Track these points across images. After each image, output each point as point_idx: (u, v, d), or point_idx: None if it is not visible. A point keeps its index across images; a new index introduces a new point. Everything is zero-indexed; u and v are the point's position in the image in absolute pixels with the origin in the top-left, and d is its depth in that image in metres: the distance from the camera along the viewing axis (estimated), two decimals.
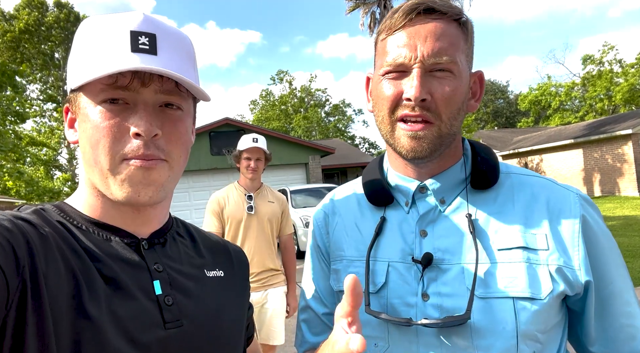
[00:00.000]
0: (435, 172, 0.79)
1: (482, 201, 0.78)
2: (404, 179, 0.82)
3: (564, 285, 0.71)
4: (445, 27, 0.72)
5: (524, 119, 41.10)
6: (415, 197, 0.81)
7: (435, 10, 0.72)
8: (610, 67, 32.35)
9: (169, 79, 0.61)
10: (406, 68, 0.72)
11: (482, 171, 0.78)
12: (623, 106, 31.45)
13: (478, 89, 0.81)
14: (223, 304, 0.72)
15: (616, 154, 17.14)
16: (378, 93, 0.77)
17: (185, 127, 0.66)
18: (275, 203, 2.92)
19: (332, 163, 21.06)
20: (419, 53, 0.70)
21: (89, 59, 0.60)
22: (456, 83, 0.72)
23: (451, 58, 0.70)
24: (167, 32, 0.63)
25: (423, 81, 0.70)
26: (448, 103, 0.71)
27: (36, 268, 0.52)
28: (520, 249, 0.72)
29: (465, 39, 0.74)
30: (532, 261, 0.71)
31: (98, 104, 0.60)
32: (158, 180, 0.62)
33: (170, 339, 0.61)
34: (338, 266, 0.86)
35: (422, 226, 0.79)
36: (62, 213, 0.64)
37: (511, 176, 0.80)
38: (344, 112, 45.31)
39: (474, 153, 0.82)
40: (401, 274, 0.77)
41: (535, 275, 0.70)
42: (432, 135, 0.72)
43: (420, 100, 0.70)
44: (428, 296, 0.74)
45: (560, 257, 0.71)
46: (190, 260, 0.72)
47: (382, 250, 0.81)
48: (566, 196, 0.76)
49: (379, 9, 15.34)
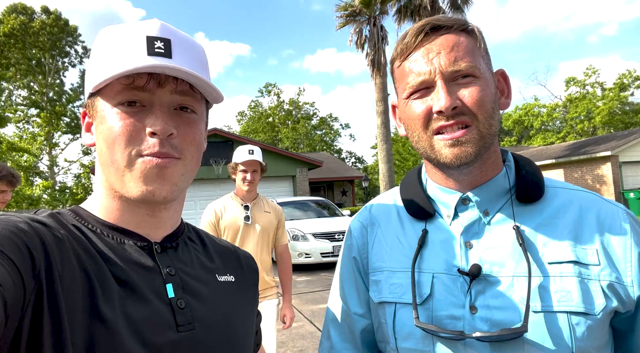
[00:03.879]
0: (477, 183, 0.78)
1: (527, 214, 0.76)
2: (445, 191, 0.81)
3: (616, 301, 0.69)
4: (455, 38, 0.73)
5: (507, 139, 41.99)
6: (458, 209, 0.79)
7: (441, 27, 0.74)
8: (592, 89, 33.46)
9: (184, 81, 0.63)
10: (429, 84, 0.73)
11: (527, 183, 0.77)
12: (602, 128, 32.45)
13: (505, 87, 0.81)
14: (234, 308, 0.72)
15: (596, 175, 17.62)
16: (408, 115, 0.77)
17: (199, 130, 0.67)
18: (272, 213, 2.95)
19: (319, 176, 21.10)
20: (437, 66, 0.72)
21: (106, 63, 0.61)
22: (482, 84, 0.72)
23: (469, 63, 0.72)
24: (182, 38, 0.65)
25: (449, 90, 0.71)
26: (481, 104, 0.72)
27: (52, 270, 0.52)
28: (572, 263, 0.70)
29: (477, 44, 0.75)
30: (584, 276, 0.70)
31: (115, 107, 0.61)
32: (172, 178, 0.63)
33: (182, 342, 0.61)
34: (379, 277, 0.84)
35: (467, 237, 0.77)
36: (77, 216, 0.65)
37: (557, 190, 0.79)
38: (331, 126, 45.66)
39: (517, 165, 0.81)
40: (447, 286, 0.76)
41: (587, 290, 0.69)
42: (474, 137, 0.72)
43: (452, 108, 0.70)
44: (476, 309, 0.72)
45: (612, 273, 0.70)
46: (201, 264, 0.73)
47: (425, 262, 0.79)
48: (615, 212, 0.75)
49: (368, 27, 15.64)
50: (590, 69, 33.81)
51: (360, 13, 15.65)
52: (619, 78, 32.34)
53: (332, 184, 24.65)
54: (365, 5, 15.31)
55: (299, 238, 9.06)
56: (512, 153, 0.85)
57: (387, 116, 15.67)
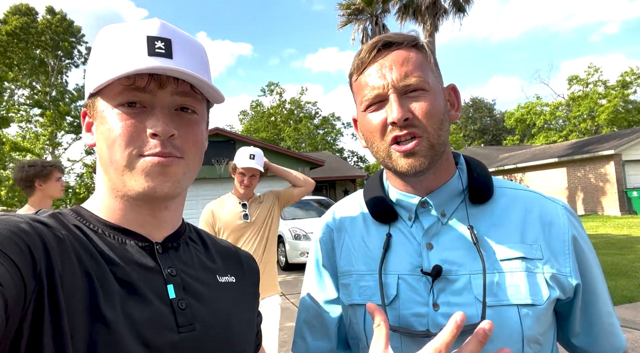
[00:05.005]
0: (432, 187, 0.84)
1: (480, 214, 0.83)
2: (405, 196, 0.87)
3: (558, 291, 0.77)
4: (406, 53, 0.79)
5: (510, 137, 41.88)
6: (418, 212, 0.85)
7: (393, 43, 0.80)
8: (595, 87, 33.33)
9: (185, 82, 0.63)
10: (382, 97, 0.78)
11: (478, 185, 0.84)
12: (606, 126, 32.32)
13: (455, 100, 0.87)
14: (235, 309, 0.72)
15: (599, 174, 17.55)
16: (366, 127, 0.82)
17: (201, 131, 0.67)
18: (265, 199, 2.99)
19: (321, 176, 21.10)
20: (389, 80, 0.77)
21: (106, 63, 0.61)
22: (431, 97, 0.78)
23: (419, 78, 0.77)
24: (182, 38, 0.65)
25: (401, 102, 0.76)
26: (430, 116, 0.77)
27: (53, 270, 0.52)
28: (520, 259, 0.78)
29: (427, 59, 0.81)
30: (530, 270, 0.77)
31: (115, 107, 0.61)
32: (175, 175, 0.63)
33: (183, 343, 0.61)
34: (348, 281, 0.89)
35: (428, 239, 0.83)
36: (78, 216, 0.65)
37: (504, 191, 0.86)
38: (333, 125, 45.62)
39: (469, 169, 0.87)
40: (411, 286, 0.81)
41: (534, 283, 0.76)
42: (425, 148, 0.77)
43: (404, 120, 0.76)
44: (438, 306, 0.78)
45: (553, 265, 0.78)
46: (202, 265, 0.73)
47: (391, 264, 0.84)
48: (555, 209, 0.83)
49: (370, 25, 15.62)
50: (591, 67, 33.68)
51: (362, 11, 15.63)
52: (621, 76, 32.21)
53: (334, 184, 24.65)
54: (367, 4, 15.30)
55: (301, 237, 9.05)
56: (464, 156, 0.91)
57: None
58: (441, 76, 0.85)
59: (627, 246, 9.37)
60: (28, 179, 2.65)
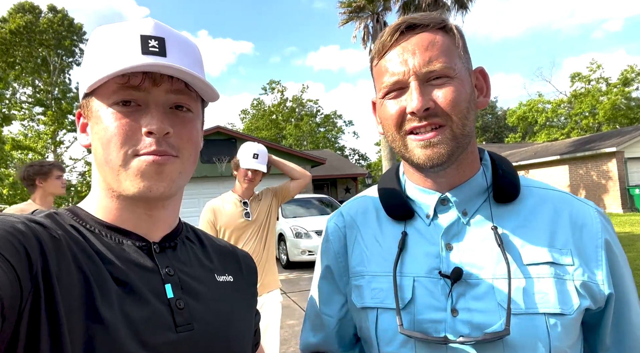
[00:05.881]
0: (455, 183, 0.78)
1: (505, 214, 0.77)
2: (423, 192, 0.81)
3: (589, 300, 0.71)
4: (431, 37, 0.72)
5: (512, 135, 41.77)
6: (437, 209, 0.79)
7: (417, 25, 0.73)
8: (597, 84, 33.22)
9: (179, 80, 0.62)
10: (403, 84, 0.73)
11: (504, 183, 0.78)
12: (607, 123, 32.21)
13: (483, 85, 0.80)
14: (233, 309, 0.72)
15: (601, 171, 17.49)
16: (383, 115, 0.77)
17: (196, 129, 0.67)
18: (264, 197, 3.00)
19: (323, 174, 21.09)
20: (410, 66, 0.71)
21: (100, 63, 0.61)
22: (457, 85, 0.72)
23: (444, 63, 0.71)
24: (176, 37, 0.65)
25: (422, 91, 0.71)
26: (454, 105, 0.71)
27: (49, 271, 0.52)
28: (548, 264, 0.71)
29: (454, 43, 0.74)
30: (560, 276, 0.71)
31: (110, 106, 0.61)
32: (170, 175, 0.63)
33: (181, 342, 0.61)
34: (360, 282, 0.83)
35: (447, 239, 0.77)
36: (75, 216, 0.64)
37: (532, 190, 0.80)
38: (335, 123, 45.59)
39: (494, 165, 0.81)
40: (428, 289, 0.75)
41: (564, 291, 0.70)
42: (447, 138, 0.71)
43: (424, 110, 0.70)
44: (457, 311, 0.72)
45: (584, 272, 0.71)
46: (200, 264, 0.73)
47: (406, 265, 0.78)
48: (587, 211, 0.76)
49: (372, 23, 15.58)
50: (593, 63, 33.56)
51: (363, 9, 15.58)
52: (622, 74, 32.07)
53: (336, 182, 24.64)
54: (368, 1, 15.25)
55: (302, 236, 9.05)
56: (489, 151, 0.85)
57: None
58: (470, 60, 0.78)
59: (629, 243, 9.34)
60: (29, 178, 2.89)
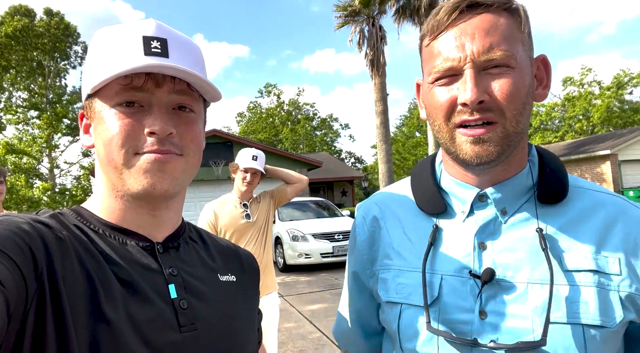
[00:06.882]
0: (498, 179, 0.72)
1: (549, 216, 0.71)
2: (461, 186, 0.76)
3: (634, 312, 0.66)
4: (494, 19, 0.65)
5: None
6: (474, 206, 0.74)
7: (480, 4, 0.66)
8: (590, 88, 33.49)
9: (181, 80, 0.63)
10: (457, 71, 0.66)
11: (551, 182, 0.72)
12: (600, 126, 32.45)
13: (544, 75, 0.73)
14: (236, 308, 0.72)
15: (595, 174, 17.61)
16: (431, 102, 0.71)
17: (199, 129, 0.67)
18: (262, 199, 3.02)
19: (319, 177, 21.10)
20: (468, 52, 0.64)
21: (103, 64, 0.61)
22: (516, 76, 0.65)
23: (506, 51, 0.64)
24: (178, 38, 0.65)
25: (477, 81, 0.64)
26: (511, 99, 0.64)
27: (54, 271, 0.52)
28: (592, 272, 0.66)
29: (519, 27, 0.67)
30: (603, 286, 0.66)
31: (113, 107, 0.61)
32: (174, 172, 0.63)
33: (185, 343, 0.61)
34: (386, 276, 0.80)
35: (482, 238, 0.73)
36: (79, 216, 0.65)
37: (582, 192, 0.74)
38: (331, 126, 45.65)
39: (542, 162, 0.75)
40: (455, 288, 0.72)
41: (606, 302, 0.65)
42: (498, 136, 0.66)
43: (478, 102, 0.64)
44: (486, 314, 0.68)
45: (632, 284, 0.66)
46: (203, 264, 0.73)
47: (435, 262, 0.75)
48: None
49: (367, 26, 15.65)
50: (584, 68, 33.85)
51: (359, 13, 15.66)
52: (615, 78, 32.36)
53: (332, 185, 24.65)
54: (364, 5, 15.33)
55: (298, 239, 9.04)
56: (537, 146, 0.79)
57: (387, 116, 15.67)
58: (532, 46, 0.71)
59: None
60: None
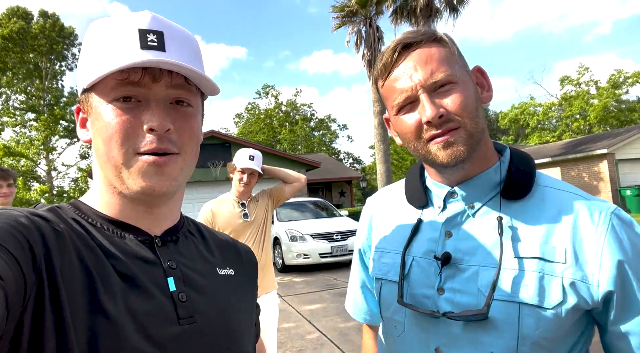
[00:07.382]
0: (465, 177, 0.84)
1: (511, 210, 0.81)
2: (437, 185, 0.90)
3: (577, 299, 0.73)
4: (427, 51, 0.79)
5: (504, 137, 42.06)
6: (446, 201, 0.87)
7: (412, 43, 0.80)
8: (587, 87, 33.58)
9: (179, 75, 0.62)
10: (413, 98, 0.79)
11: (514, 181, 0.82)
12: (597, 125, 32.54)
13: (484, 81, 0.86)
14: (234, 302, 0.73)
15: (592, 173, 17.66)
16: (401, 129, 0.83)
17: (197, 124, 0.67)
18: (261, 198, 3.03)
19: (317, 177, 21.09)
20: (416, 81, 0.77)
21: (99, 58, 0.61)
22: (461, 88, 0.78)
23: (445, 72, 0.77)
24: (175, 30, 0.64)
25: (432, 100, 0.76)
26: (464, 107, 0.77)
27: (52, 264, 0.52)
28: (537, 259, 0.75)
29: (450, 51, 0.81)
30: (545, 272, 0.74)
31: (110, 102, 0.61)
32: (172, 173, 0.63)
33: (184, 335, 0.61)
34: (375, 256, 0.99)
35: (448, 228, 0.86)
36: (77, 210, 0.65)
37: (546, 190, 0.82)
38: (329, 127, 45.67)
39: (511, 162, 0.85)
40: (423, 268, 0.86)
41: (546, 286, 0.74)
42: (463, 137, 0.77)
43: (439, 117, 0.76)
44: (443, 290, 0.82)
45: (577, 272, 0.73)
46: (202, 257, 0.73)
47: (412, 247, 0.90)
48: (595, 212, 0.76)
49: (364, 27, 15.66)
50: (582, 67, 33.94)
51: (356, 14, 15.66)
52: (611, 78, 32.46)
53: (330, 185, 24.65)
54: (361, 6, 15.33)
55: (297, 239, 9.04)
56: (512, 149, 0.89)
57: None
58: (466, 62, 0.85)
59: None
60: None
